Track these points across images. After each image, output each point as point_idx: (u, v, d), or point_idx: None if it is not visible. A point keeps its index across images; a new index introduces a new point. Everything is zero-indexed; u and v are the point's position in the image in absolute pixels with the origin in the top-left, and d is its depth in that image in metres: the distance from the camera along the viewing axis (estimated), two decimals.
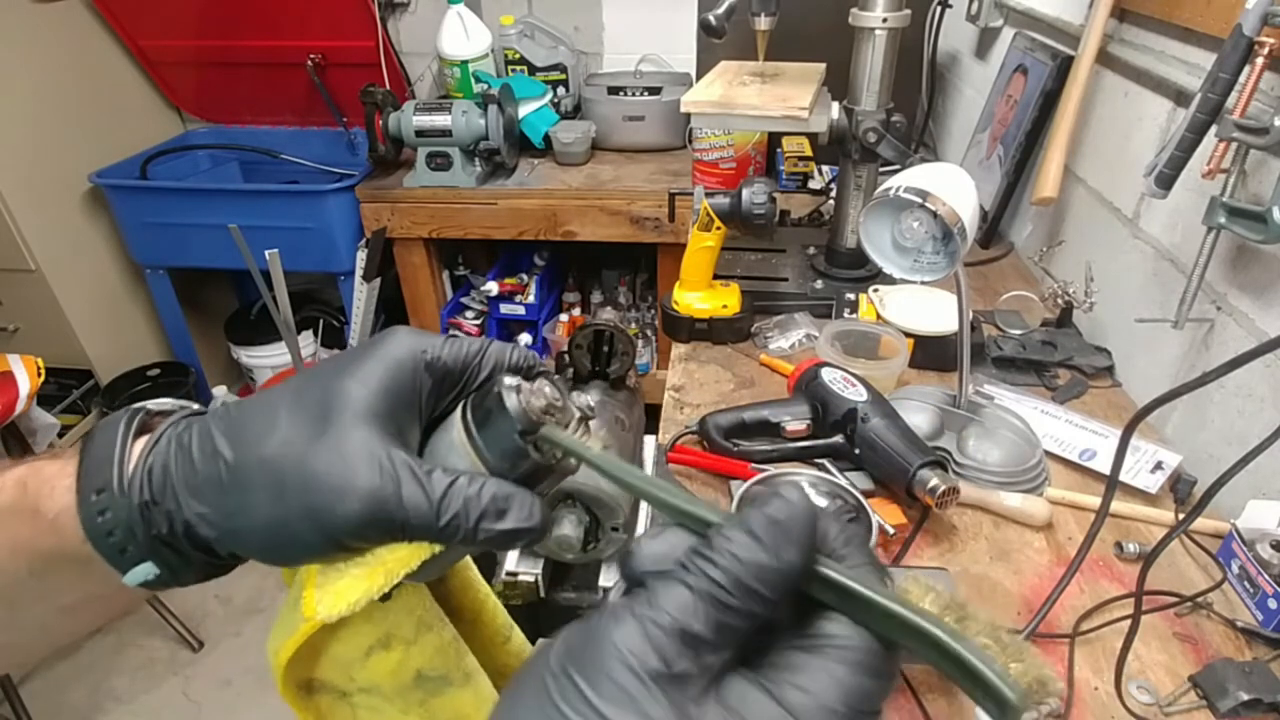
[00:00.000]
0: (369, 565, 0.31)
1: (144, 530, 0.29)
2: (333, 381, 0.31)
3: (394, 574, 0.31)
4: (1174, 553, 0.76)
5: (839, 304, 1.16)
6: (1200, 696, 0.60)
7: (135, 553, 0.30)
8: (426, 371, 0.32)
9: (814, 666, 0.22)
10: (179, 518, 0.29)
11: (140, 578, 0.30)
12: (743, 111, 1.11)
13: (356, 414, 0.30)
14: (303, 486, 0.29)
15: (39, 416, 1.80)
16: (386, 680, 0.37)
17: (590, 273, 2.47)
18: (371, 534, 0.29)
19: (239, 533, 0.29)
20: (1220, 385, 0.83)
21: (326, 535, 0.29)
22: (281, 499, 0.29)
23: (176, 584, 0.32)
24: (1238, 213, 0.76)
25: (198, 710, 1.73)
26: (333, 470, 0.29)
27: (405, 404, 0.32)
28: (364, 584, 0.31)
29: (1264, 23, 0.70)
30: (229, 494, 0.29)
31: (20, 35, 1.94)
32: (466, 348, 0.34)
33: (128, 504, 0.29)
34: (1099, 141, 1.14)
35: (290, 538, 0.29)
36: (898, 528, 0.77)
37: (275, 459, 0.29)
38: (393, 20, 2.22)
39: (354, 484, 0.28)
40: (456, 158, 1.88)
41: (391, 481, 0.29)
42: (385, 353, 0.32)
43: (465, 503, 0.29)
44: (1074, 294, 1.07)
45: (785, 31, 1.20)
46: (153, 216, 2.05)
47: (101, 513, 0.29)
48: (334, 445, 0.29)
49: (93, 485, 0.30)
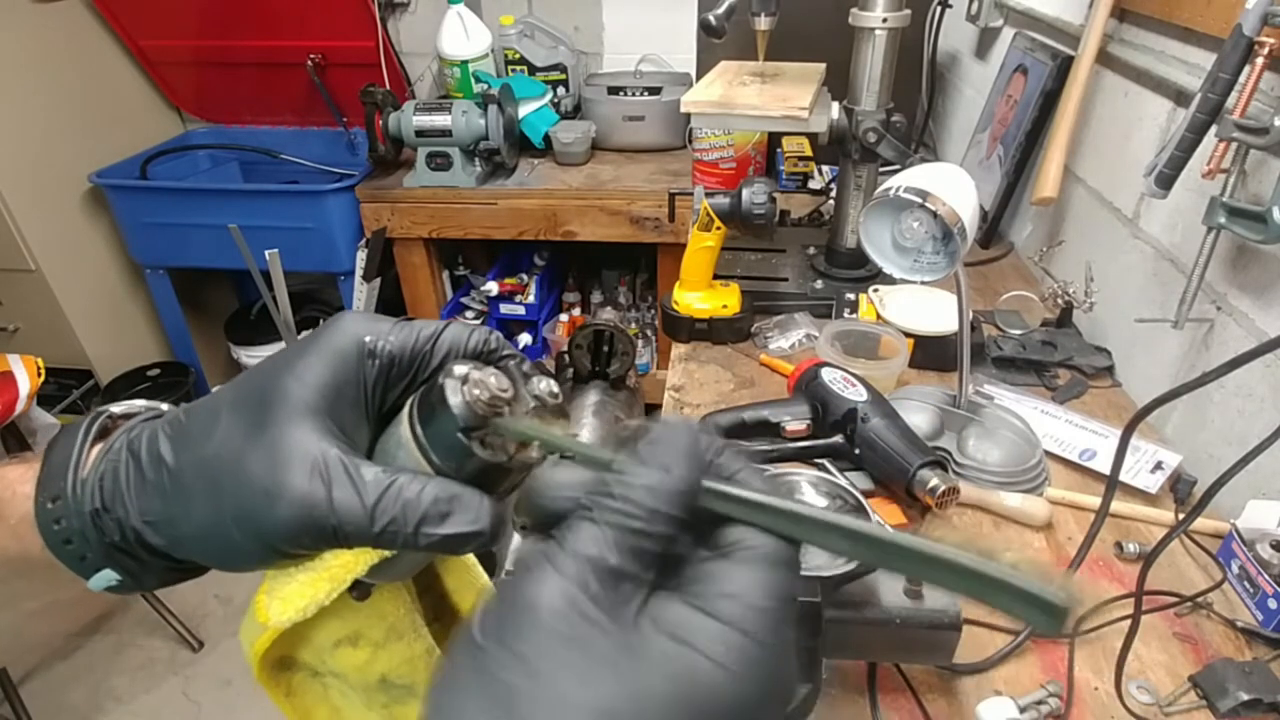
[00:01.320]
0: (315, 571, 0.30)
1: (97, 538, 0.29)
2: (271, 379, 0.29)
3: (339, 580, 0.30)
4: (1174, 553, 0.76)
5: (839, 304, 1.16)
6: (1200, 696, 0.60)
7: (94, 560, 0.29)
8: (371, 360, 0.30)
9: (733, 572, 0.23)
10: (128, 525, 0.29)
11: (103, 584, 0.30)
12: (743, 111, 1.11)
13: (293, 411, 0.28)
14: (235, 491, 0.27)
15: (39, 416, 1.80)
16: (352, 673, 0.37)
17: (590, 273, 2.47)
18: (306, 540, 0.28)
19: (182, 540, 0.29)
20: (1220, 385, 0.83)
21: (261, 542, 0.28)
22: (216, 504, 0.28)
23: (141, 589, 0.31)
24: (1238, 213, 0.76)
25: (198, 710, 1.73)
26: (264, 473, 0.27)
27: (348, 399, 0.30)
28: (310, 590, 0.30)
29: (1264, 23, 0.70)
30: (171, 500, 0.28)
31: (20, 35, 1.94)
32: (417, 332, 0.31)
33: (79, 512, 0.29)
34: (1099, 141, 1.14)
35: (228, 544, 0.28)
36: (898, 528, 0.77)
37: (211, 461, 0.28)
38: (393, 20, 2.22)
39: (284, 488, 0.27)
40: (456, 158, 1.88)
41: (323, 485, 0.27)
42: (326, 343, 0.30)
43: (403, 507, 0.27)
44: (1074, 294, 1.07)
45: (785, 31, 1.20)
46: (153, 216, 2.05)
47: (57, 521, 0.29)
48: (267, 446, 0.28)
49: (49, 493, 0.29)
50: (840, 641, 0.54)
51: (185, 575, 0.32)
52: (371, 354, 0.30)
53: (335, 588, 0.30)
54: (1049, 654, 0.66)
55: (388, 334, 0.31)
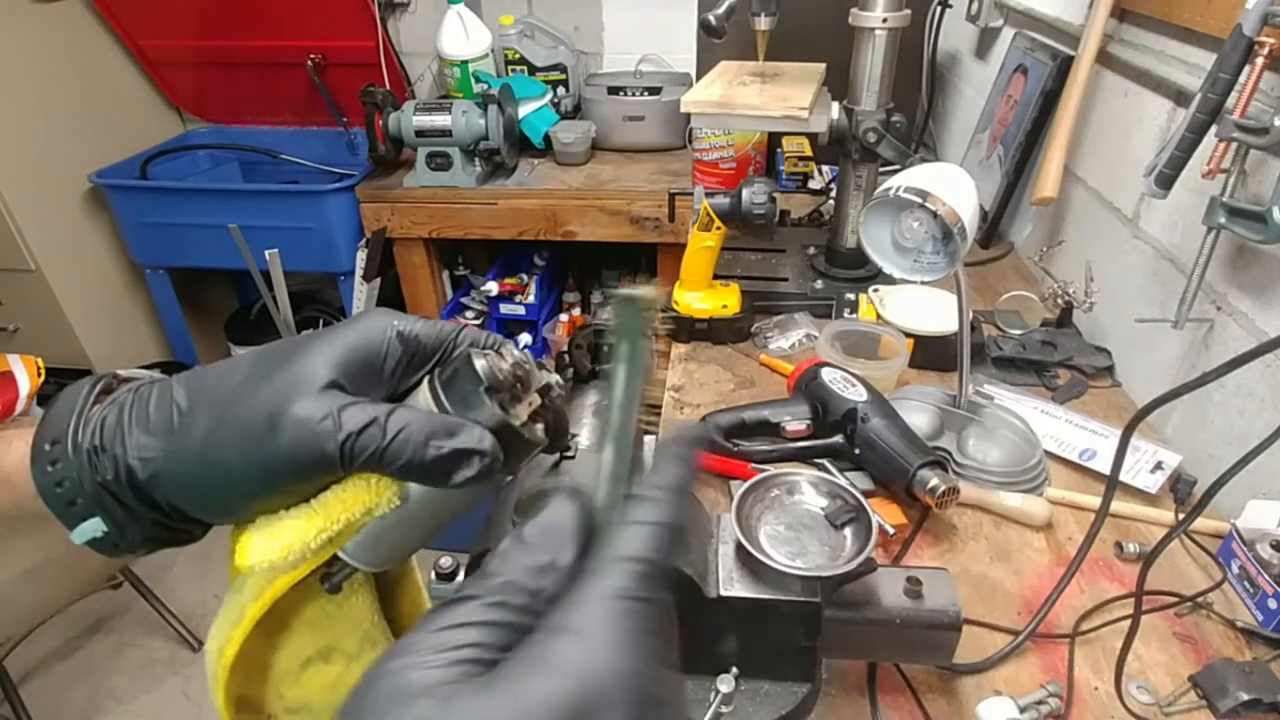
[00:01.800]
0: (309, 509, 0.30)
1: (90, 479, 0.29)
2: (298, 342, 0.31)
3: (333, 517, 0.30)
4: (1174, 553, 0.76)
5: (839, 304, 1.16)
6: (1200, 696, 0.60)
7: (84, 506, 0.30)
8: (398, 341, 0.32)
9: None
10: (123, 461, 0.29)
11: (88, 534, 0.30)
12: (743, 111, 1.11)
13: (309, 360, 0.30)
14: (238, 419, 0.28)
15: (39, 416, 1.80)
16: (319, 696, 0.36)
17: (590, 273, 2.47)
18: (305, 463, 0.28)
19: (175, 475, 0.29)
20: (1220, 385, 0.83)
21: (258, 467, 0.28)
22: (217, 433, 0.28)
23: (125, 546, 0.31)
24: (1238, 213, 0.76)
25: (197, 710, 1.73)
26: (271, 400, 0.28)
27: (367, 365, 0.31)
28: (300, 526, 0.29)
29: (1264, 23, 0.70)
30: (174, 436, 0.29)
31: (20, 35, 1.94)
32: (443, 327, 0.34)
33: (78, 451, 0.29)
34: (1099, 141, 1.14)
35: (223, 473, 0.29)
36: (898, 528, 0.77)
37: (223, 399, 0.29)
38: (393, 20, 2.22)
39: (288, 410, 0.28)
40: (456, 158, 1.88)
41: (326, 406, 0.28)
42: (356, 320, 0.33)
43: (415, 422, 0.29)
44: (1074, 294, 1.07)
45: (785, 31, 1.20)
46: (153, 216, 2.05)
47: (54, 463, 0.29)
48: (279, 380, 0.29)
49: (47, 437, 0.30)
50: (840, 641, 0.54)
51: (172, 536, 0.32)
52: (400, 335, 0.32)
53: (326, 528, 0.30)
54: (1049, 654, 0.66)
55: (414, 322, 0.33)
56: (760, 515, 0.54)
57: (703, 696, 0.52)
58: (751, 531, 0.52)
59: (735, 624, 0.51)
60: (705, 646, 0.53)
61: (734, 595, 0.50)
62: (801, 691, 0.53)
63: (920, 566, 0.64)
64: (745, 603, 0.50)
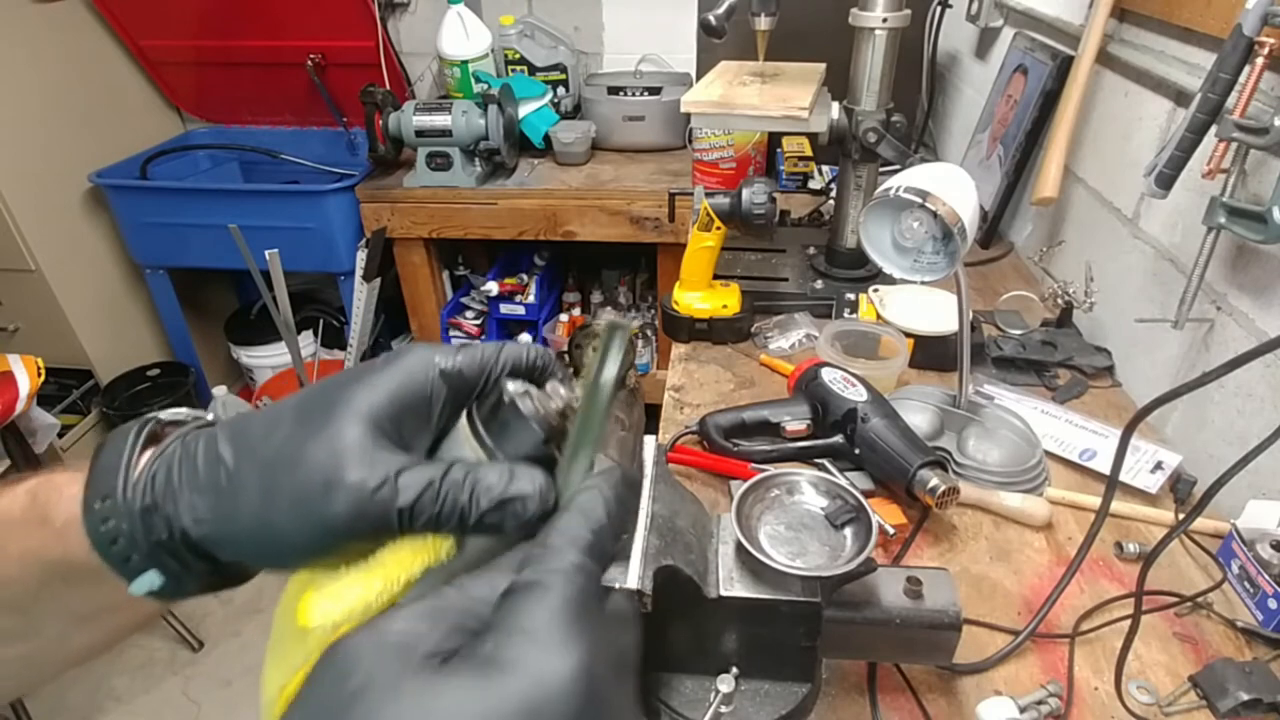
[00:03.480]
0: (367, 568, 0.30)
1: (145, 537, 0.29)
2: (338, 388, 0.31)
3: (393, 577, 0.29)
4: (1174, 553, 0.76)
5: (839, 304, 1.16)
6: (1200, 696, 0.60)
7: (139, 561, 0.29)
8: (442, 380, 0.32)
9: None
10: (177, 523, 0.29)
11: (145, 587, 0.30)
12: (743, 111, 1.11)
13: (357, 414, 0.29)
14: (292, 483, 0.28)
15: (39, 416, 1.80)
16: None
17: (590, 273, 2.47)
18: (363, 527, 0.28)
19: (231, 536, 0.29)
20: (1220, 385, 0.83)
21: (316, 534, 0.28)
22: (271, 497, 0.28)
23: (181, 595, 0.31)
24: (1238, 213, 0.76)
25: (198, 710, 1.73)
26: (324, 462, 0.28)
27: (413, 410, 0.31)
28: (362, 585, 0.29)
29: (1264, 23, 0.70)
30: (224, 497, 0.29)
31: (20, 35, 1.94)
32: (482, 353, 0.33)
33: (130, 511, 0.29)
34: (1099, 141, 1.14)
35: (280, 538, 0.29)
36: (898, 528, 0.77)
37: (271, 459, 0.29)
38: (393, 20, 2.22)
39: (342, 477, 0.28)
40: (456, 158, 1.88)
41: (382, 472, 0.28)
42: (396, 361, 0.32)
43: (467, 477, 0.29)
44: (1074, 294, 1.07)
45: (785, 31, 1.20)
46: (153, 216, 2.05)
47: (105, 520, 0.29)
48: (328, 439, 0.29)
49: (98, 493, 0.29)
50: (840, 641, 0.54)
51: (226, 582, 0.32)
52: (443, 373, 0.32)
53: (388, 588, 0.29)
54: (1049, 654, 0.66)
55: (455, 355, 0.32)
56: (760, 515, 0.54)
57: (703, 696, 0.52)
58: (751, 531, 0.52)
59: (735, 624, 0.51)
60: (705, 646, 0.53)
61: (734, 595, 0.50)
62: (801, 691, 0.53)
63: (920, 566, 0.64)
64: (745, 603, 0.50)
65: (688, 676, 0.54)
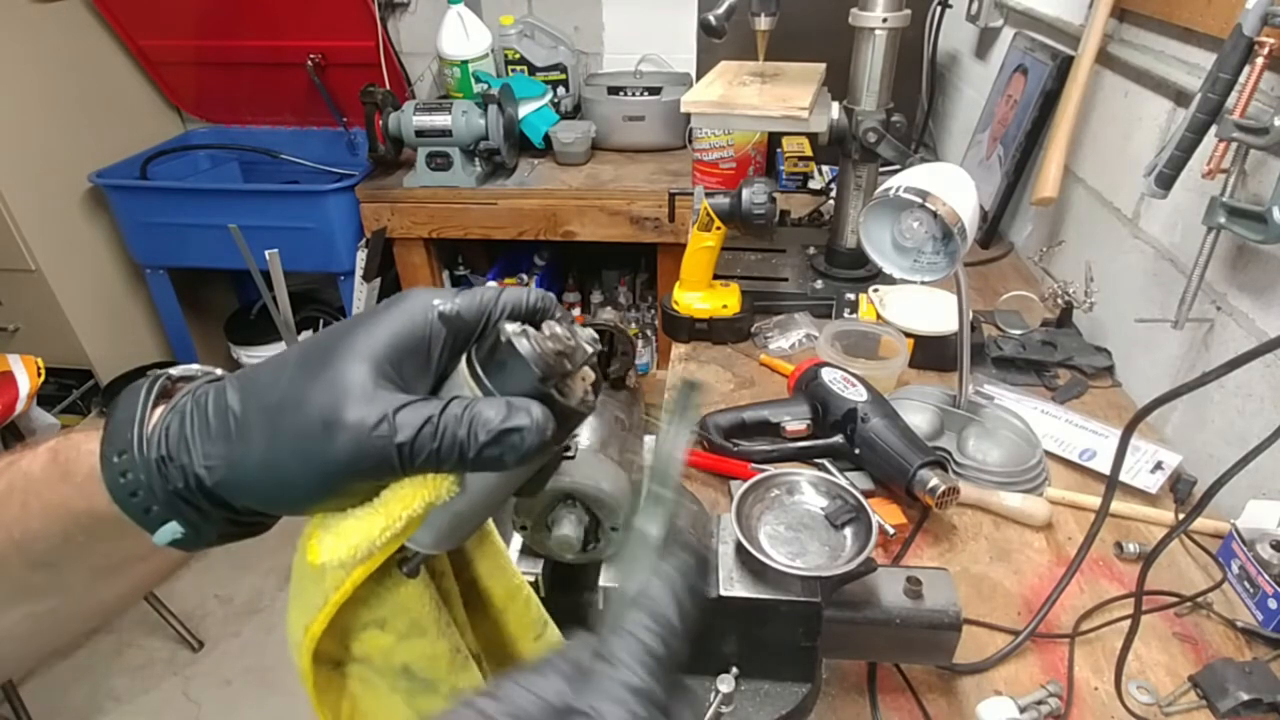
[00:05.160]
0: (371, 508, 0.31)
1: (162, 487, 0.30)
2: (339, 334, 0.31)
3: (394, 515, 0.30)
4: (1174, 553, 0.76)
5: (839, 304, 1.16)
6: (1200, 696, 0.60)
7: (160, 512, 0.30)
8: (441, 322, 0.32)
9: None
10: (191, 471, 0.30)
11: (168, 537, 0.31)
12: (743, 111, 1.11)
13: (357, 356, 0.30)
14: (295, 426, 0.29)
15: (39, 416, 1.80)
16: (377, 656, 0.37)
17: (590, 273, 2.47)
18: (365, 467, 0.29)
19: (242, 482, 0.30)
20: (1220, 385, 0.83)
21: (320, 474, 0.29)
22: (276, 440, 0.29)
23: (202, 543, 0.32)
24: (1238, 213, 0.76)
25: (198, 710, 1.73)
26: (323, 405, 0.28)
27: (412, 352, 0.31)
28: (365, 525, 0.30)
29: (1264, 23, 0.70)
30: (234, 443, 0.29)
31: (20, 35, 1.94)
32: (482, 296, 0.33)
33: (146, 463, 0.30)
34: (1099, 141, 1.14)
35: (286, 480, 0.29)
36: (898, 528, 0.77)
37: (275, 405, 0.29)
38: (393, 20, 2.22)
39: (341, 416, 0.28)
40: (456, 158, 1.88)
41: (380, 410, 0.28)
42: (396, 305, 0.32)
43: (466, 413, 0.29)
44: (1074, 294, 1.07)
45: (785, 31, 1.20)
46: (153, 216, 2.05)
47: (124, 474, 0.30)
48: (327, 382, 0.29)
49: (115, 448, 0.30)
50: (840, 641, 0.54)
51: (244, 530, 0.33)
52: (441, 315, 0.32)
53: (390, 525, 0.30)
54: (1049, 654, 0.66)
55: (454, 298, 0.32)
56: (760, 515, 0.54)
57: (703, 696, 0.52)
58: (751, 531, 0.52)
59: (735, 624, 0.51)
60: (705, 646, 0.53)
61: (734, 595, 0.50)
62: (801, 691, 0.54)
63: (920, 566, 0.64)
64: (745, 603, 0.50)
65: (688, 676, 0.54)
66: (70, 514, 0.32)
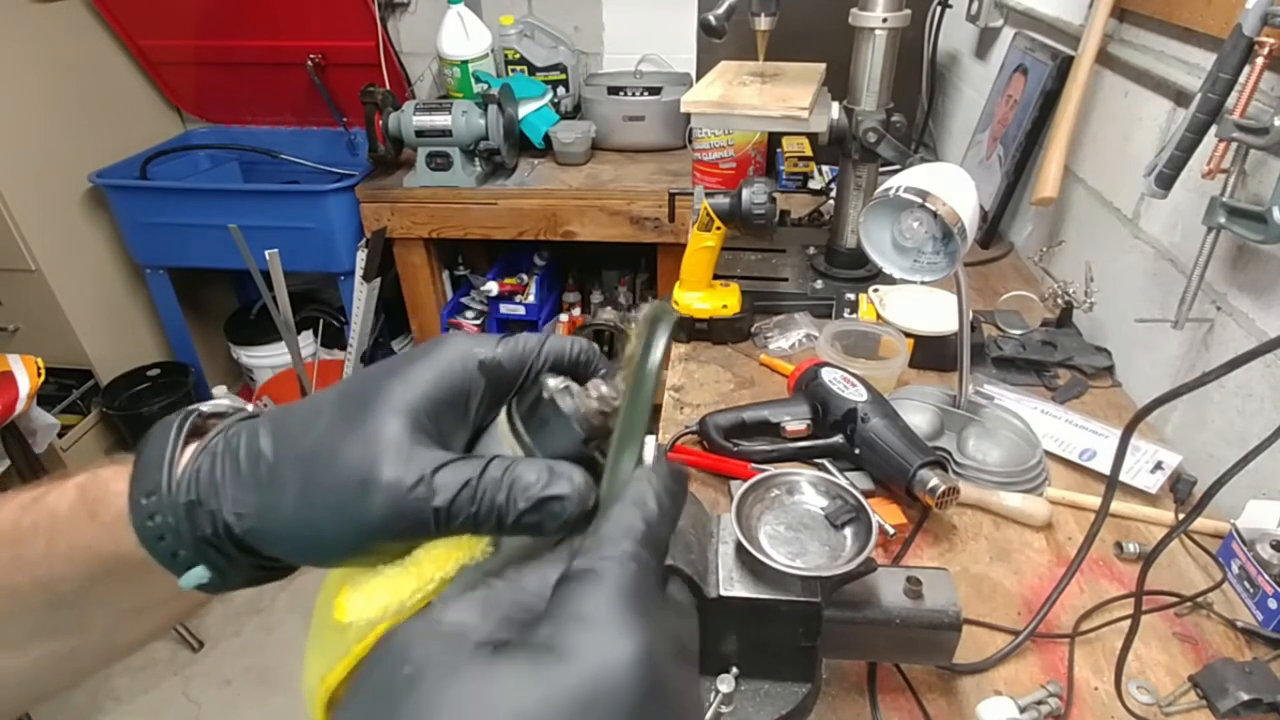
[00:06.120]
0: (402, 567, 0.30)
1: (190, 532, 0.29)
2: (376, 380, 0.30)
3: (427, 576, 0.29)
4: (1174, 553, 0.76)
5: (839, 304, 1.16)
6: (1200, 696, 0.60)
7: (187, 556, 0.29)
8: (481, 373, 0.31)
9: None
10: (220, 518, 0.29)
11: (194, 581, 0.30)
12: (743, 111, 1.11)
13: (393, 410, 0.29)
14: (330, 482, 0.28)
15: (39, 416, 1.80)
16: None
17: (590, 273, 2.47)
18: (399, 528, 0.28)
19: (272, 533, 0.29)
20: (1220, 385, 0.83)
21: (354, 532, 0.28)
22: (309, 494, 0.28)
23: (226, 588, 0.31)
24: (1238, 213, 0.76)
25: (198, 710, 1.73)
26: (359, 462, 0.28)
27: (450, 405, 0.30)
28: (395, 585, 0.29)
29: (1264, 23, 0.70)
30: (265, 492, 0.29)
31: (20, 35, 1.94)
32: (523, 345, 0.32)
33: (175, 506, 0.29)
34: (1099, 141, 1.14)
35: (317, 534, 0.28)
36: (898, 528, 0.77)
37: (309, 455, 0.28)
38: (393, 20, 2.22)
39: (378, 476, 0.27)
40: (456, 158, 1.88)
41: (418, 471, 0.27)
42: (435, 352, 0.31)
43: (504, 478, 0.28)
44: (1074, 294, 1.07)
45: (785, 31, 1.20)
46: (153, 216, 2.05)
47: (151, 516, 0.29)
48: (364, 437, 0.28)
49: (143, 489, 0.30)
50: (840, 641, 0.54)
51: (271, 575, 0.32)
52: (481, 365, 0.31)
53: (421, 587, 0.29)
54: (1049, 654, 0.66)
55: (495, 347, 0.31)
56: (760, 515, 0.54)
57: (702, 696, 0.52)
58: (751, 531, 0.52)
59: (735, 624, 0.51)
60: (705, 646, 0.53)
61: (734, 595, 0.50)
62: (801, 691, 0.53)
63: (920, 566, 0.64)
64: (745, 603, 0.50)
65: None
66: (96, 556, 0.31)
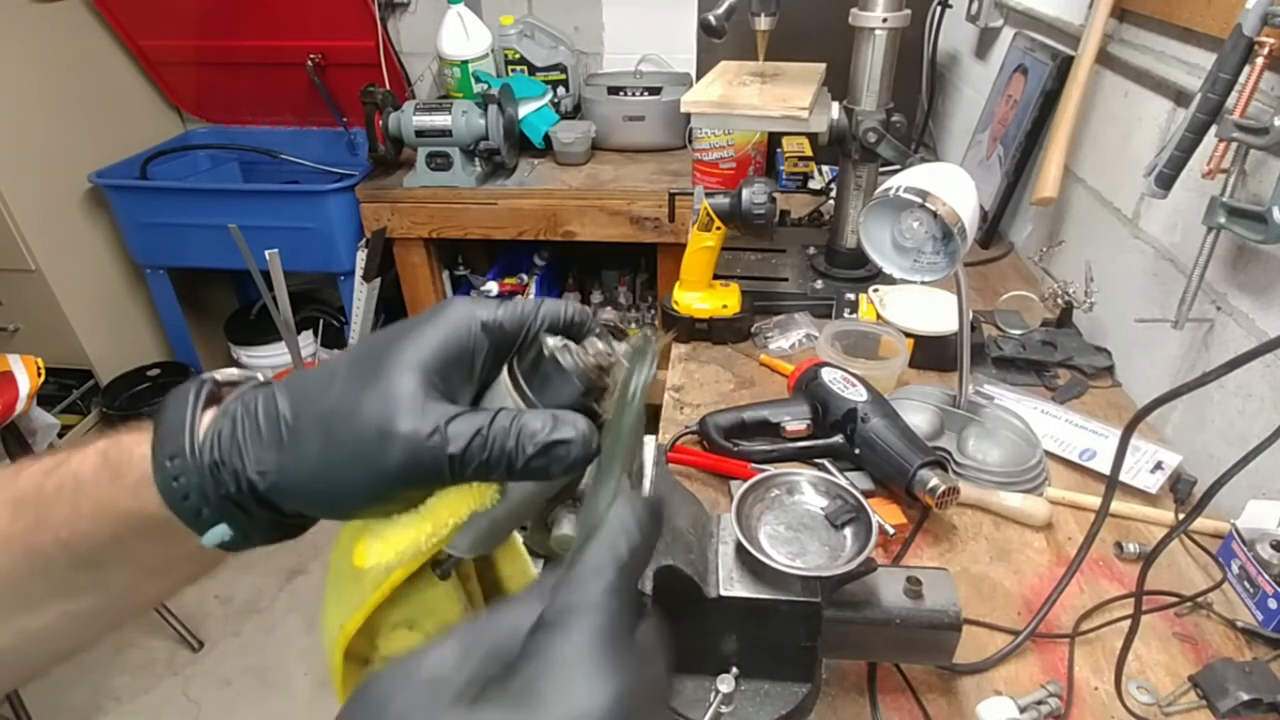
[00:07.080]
0: (418, 514, 0.32)
1: (214, 491, 0.30)
2: (388, 342, 0.32)
3: (441, 522, 0.31)
4: (1174, 553, 0.76)
5: (839, 304, 1.16)
6: (1200, 696, 0.60)
7: (210, 515, 0.31)
8: (484, 333, 0.33)
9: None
10: (243, 476, 0.30)
11: (216, 539, 0.31)
12: (743, 111, 1.11)
13: (406, 367, 0.31)
14: (349, 435, 0.30)
15: (39, 416, 1.80)
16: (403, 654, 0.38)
17: (590, 273, 2.47)
18: (416, 476, 0.30)
19: (294, 487, 0.30)
20: (1220, 385, 0.83)
21: (373, 482, 0.30)
22: (330, 448, 0.30)
23: (248, 545, 0.33)
24: (1238, 213, 0.76)
25: (198, 710, 1.73)
26: (378, 415, 0.29)
27: (457, 363, 0.32)
28: (412, 531, 0.31)
29: (1264, 23, 0.70)
30: (285, 450, 0.30)
31: (20, 35, 1.94)
32: (522, 308, 0.34)
33: (199, 467, 0.30)
34: (1099, 141, 1.14)
35: (339, 488, 0.30)
36: (898, 528, 0.77)
37: (327, 413, 0.30)
38: (393, 20, 2.22)
39: (395, 427, 0.29)
40: (456, 158, 1.88)
41: (433, 421, 0.29)
42: (441, 315, 0.33)
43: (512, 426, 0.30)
44: (1074, 294, 1.07)
45: (785, 31, 1.20)
46: (153, 216, 2.05)
47: (175, 477, 0.31)
48: (380, 392, 0.30)
49: (167, 452, 0.31)
50: (840, 641, 0.54)
51: (289, 532, 0.34)
52: (485, 326, 0.33)
53: (435, 531, 0.31)
54: (1049, 654, 0.66)
55: (496, 309, 0.34)
56: (760, 515, 0.54)
57: (703, 696, 0.52)
58: (751, 531, 0.52)
59: (735, 624, 0.51)
60: (705, 646, 0.53)
61: (734, 595, 0.50)
62: (801, 691, 0.53)
63: (920, 566, 0.64)
64: (745, 603, 0.50)
65: (688, 676, 0.54)
66: (121, 514, 0.32)
